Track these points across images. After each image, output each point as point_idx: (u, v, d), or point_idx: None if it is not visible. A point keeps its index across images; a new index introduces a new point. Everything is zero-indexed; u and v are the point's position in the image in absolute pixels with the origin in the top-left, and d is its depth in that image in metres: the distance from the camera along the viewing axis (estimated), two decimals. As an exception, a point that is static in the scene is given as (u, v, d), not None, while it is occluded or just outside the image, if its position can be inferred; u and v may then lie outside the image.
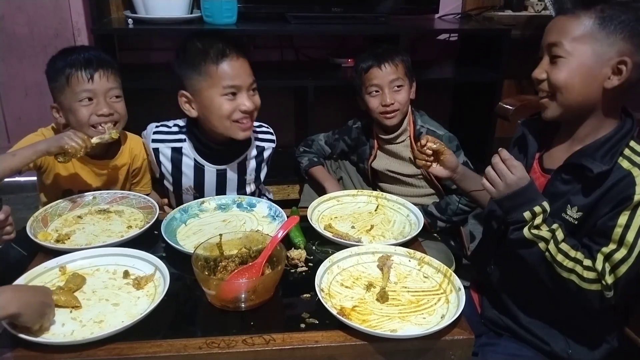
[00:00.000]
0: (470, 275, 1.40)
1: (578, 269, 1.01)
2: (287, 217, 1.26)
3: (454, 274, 1.06)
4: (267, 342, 0.92)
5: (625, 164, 1.03)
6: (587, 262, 1.01)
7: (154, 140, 1.51)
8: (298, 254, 1.16)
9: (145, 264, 1.10)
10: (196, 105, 1.41)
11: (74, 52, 1.41)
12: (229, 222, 1.33)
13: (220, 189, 1.54)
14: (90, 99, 1.39)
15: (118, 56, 2.36)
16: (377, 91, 1.71)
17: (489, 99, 2.35)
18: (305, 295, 1.05)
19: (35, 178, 1.54)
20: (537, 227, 1.04)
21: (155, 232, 1.25)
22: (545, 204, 1.04)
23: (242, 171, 1.54)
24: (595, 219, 1.04)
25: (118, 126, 1.43)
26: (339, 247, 1.18)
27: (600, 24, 1.03)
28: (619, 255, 0.99)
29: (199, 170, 1.50)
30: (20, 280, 1.02)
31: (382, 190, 1.82)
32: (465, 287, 1.03)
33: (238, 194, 1.54)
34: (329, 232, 1.26)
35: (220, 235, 1.11)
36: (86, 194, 1.42)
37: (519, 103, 1.91)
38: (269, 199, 1.66)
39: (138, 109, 1.76)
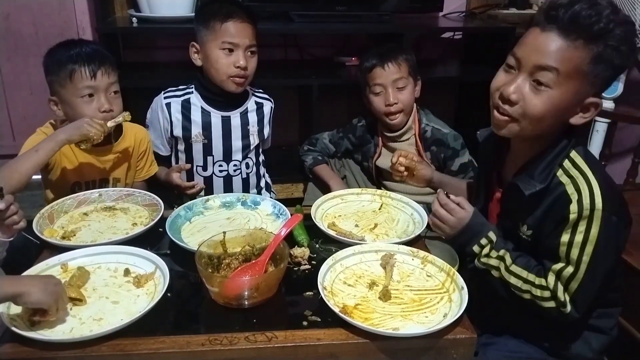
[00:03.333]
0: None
1: (532, 289, 1.04)
2: (291, 215, 1.27)
3: (457, 272, 1.06)
4: (270, 339, 0.92)
5: (564, 179, 1.02)
6: (540, 281, 1.04)
7: (165, 98, 1.69)
8: (301, 252, 1.16)
9: (146, 262, 1.10)
10: (201, 56, 1.64)
11: (75, 46, 1.40)
12: (233, 220, 1.34)
13: (226, 136, 1.72)
14: (90, 95, 1.39)
15: (122, 55, 2.36)
16: (380, 90, 1.71)
17: (494, 98, 2.34)
18: (308, 293, 1.05)
19: (39, 176, 1.53)
20: (487, 255, 1.09)
21: (160, 229, 1.26)
22: (491, 234, 1.10)
23: (244, 121, 1.74)
24: (544, 238, 1.06)
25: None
26: (342, 245, 1.19)
27: (594, 63, 0.95)
28: (567, 272, 1.01)
29: (206, 116, 1.70)
30: None
31: (386, 188, 1.82)
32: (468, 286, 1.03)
33: (242, 143, 1.74)
34: (333, 231, 1.27)
35: (224, 232, 1.12)
36: (92, 191, 1.43)
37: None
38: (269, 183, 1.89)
39: (142, 107, 1.77)
